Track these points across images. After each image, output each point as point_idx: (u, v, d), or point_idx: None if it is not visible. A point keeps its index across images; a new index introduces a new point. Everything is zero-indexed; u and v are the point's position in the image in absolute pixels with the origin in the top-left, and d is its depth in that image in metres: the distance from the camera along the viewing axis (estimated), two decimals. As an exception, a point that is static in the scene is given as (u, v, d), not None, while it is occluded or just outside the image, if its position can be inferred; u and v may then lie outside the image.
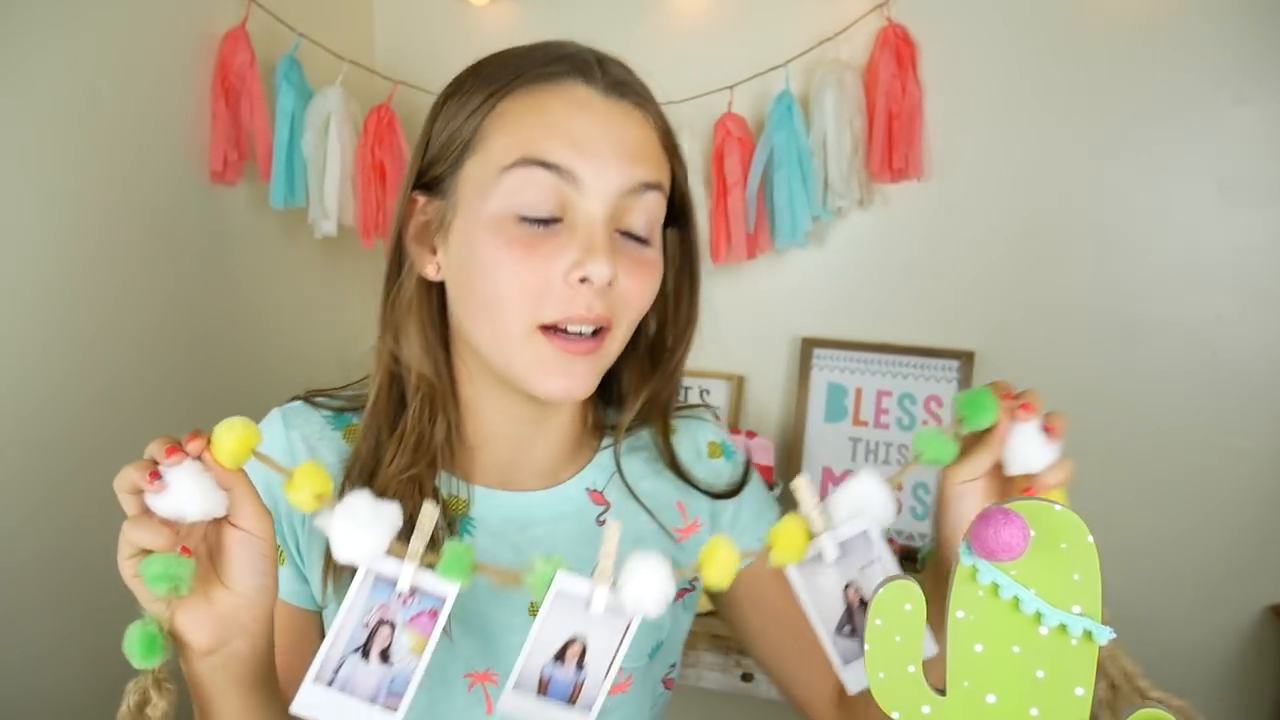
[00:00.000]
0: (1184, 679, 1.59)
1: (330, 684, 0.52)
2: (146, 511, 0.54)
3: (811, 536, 0.52)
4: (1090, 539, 0.49)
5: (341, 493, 0.60)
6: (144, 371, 1.41)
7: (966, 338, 1.63)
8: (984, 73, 1.56)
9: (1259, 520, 1.53)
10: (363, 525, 0.52)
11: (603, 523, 0.74)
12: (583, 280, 0.63)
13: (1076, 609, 0.50)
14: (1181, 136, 1.49)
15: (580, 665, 0.53)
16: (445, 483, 0.72)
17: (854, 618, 0.55)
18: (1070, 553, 0.49)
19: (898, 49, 1.51)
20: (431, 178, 0.70)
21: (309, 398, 0.77)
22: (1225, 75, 1.46)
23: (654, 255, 0.69)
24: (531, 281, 0.63)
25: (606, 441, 0.78)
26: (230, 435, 0.55)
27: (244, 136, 1.53)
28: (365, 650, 0.52)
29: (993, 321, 1.62)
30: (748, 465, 0.84)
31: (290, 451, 0.73)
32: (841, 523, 0.52)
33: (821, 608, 0.54)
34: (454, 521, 0.72)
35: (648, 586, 0.52)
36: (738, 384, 1.72)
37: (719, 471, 0.81)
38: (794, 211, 1.54)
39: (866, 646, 0.52)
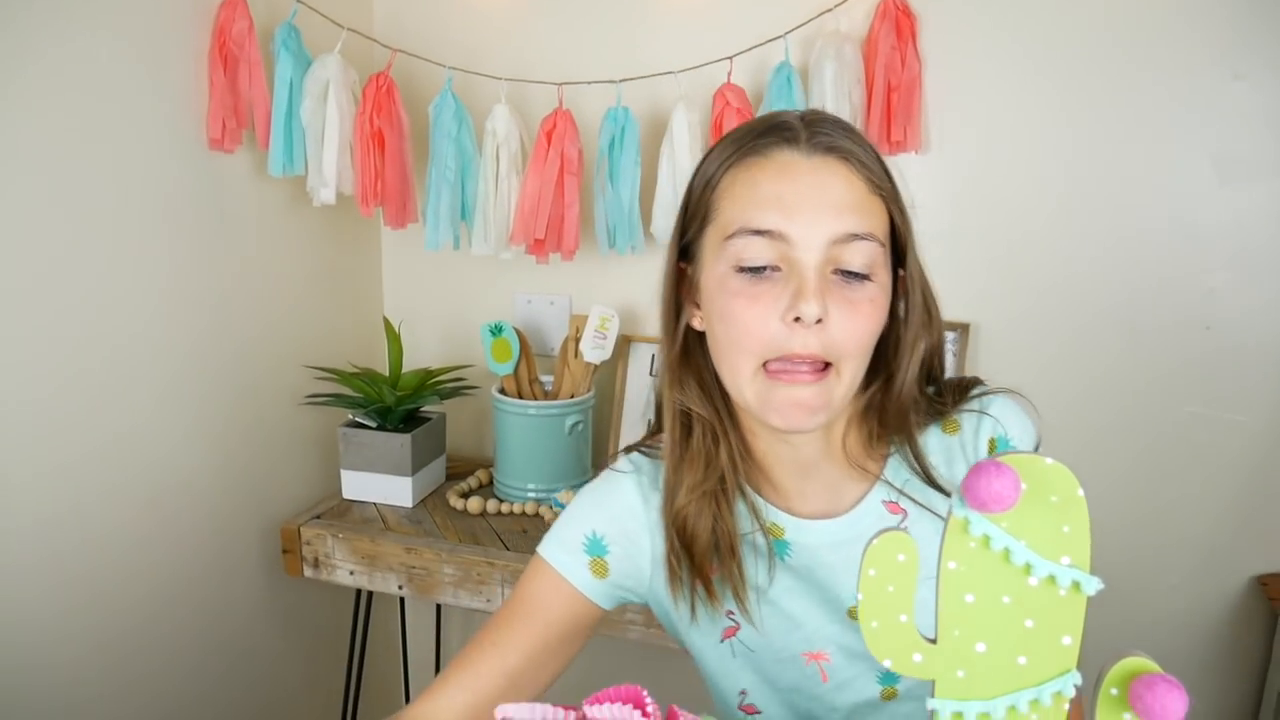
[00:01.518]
0: (1172, 647, 1.61)
1: None
2: None
3: None
4: (1080, 492, 0.50)
5: (665, 512, 0.84)
6: (145, 339, 1.42)
7: (963, 309, 1.64)
8: (983, 46, 1.56)
9: (1248, 493, 1.54)
10: None
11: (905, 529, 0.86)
12: (796, 319, 0.72)
13: (1065, 560, 0.51)
14: (1179, 111, 1.49)
15: None
16: (765, 510, 0.86)
17: None
18: (1061, 506, 0.51)
19: (897, 21, 1.51)
20: (685, 244, 0.83)
21: (636, 449, 0.93)
22: (1224, 50, 1.46)
23: (873, 291, 0.76)
24: (756, 326, 0.74)
25: (894, 448, 0.86)
26: None
27: (242, 104, 1.53)
28: None
29: (988, 294, 1.63)
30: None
31: (641, 493, 0.89)
32: None
33: None
34: (772, 545, 0.85)
35: None
36: (734, 355, 1.73)
37: None
38: (792, 183, 1.55)
39: (860, 596, 0.53)
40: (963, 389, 0.87)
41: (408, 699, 2.14)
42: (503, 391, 1.69)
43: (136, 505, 1.43)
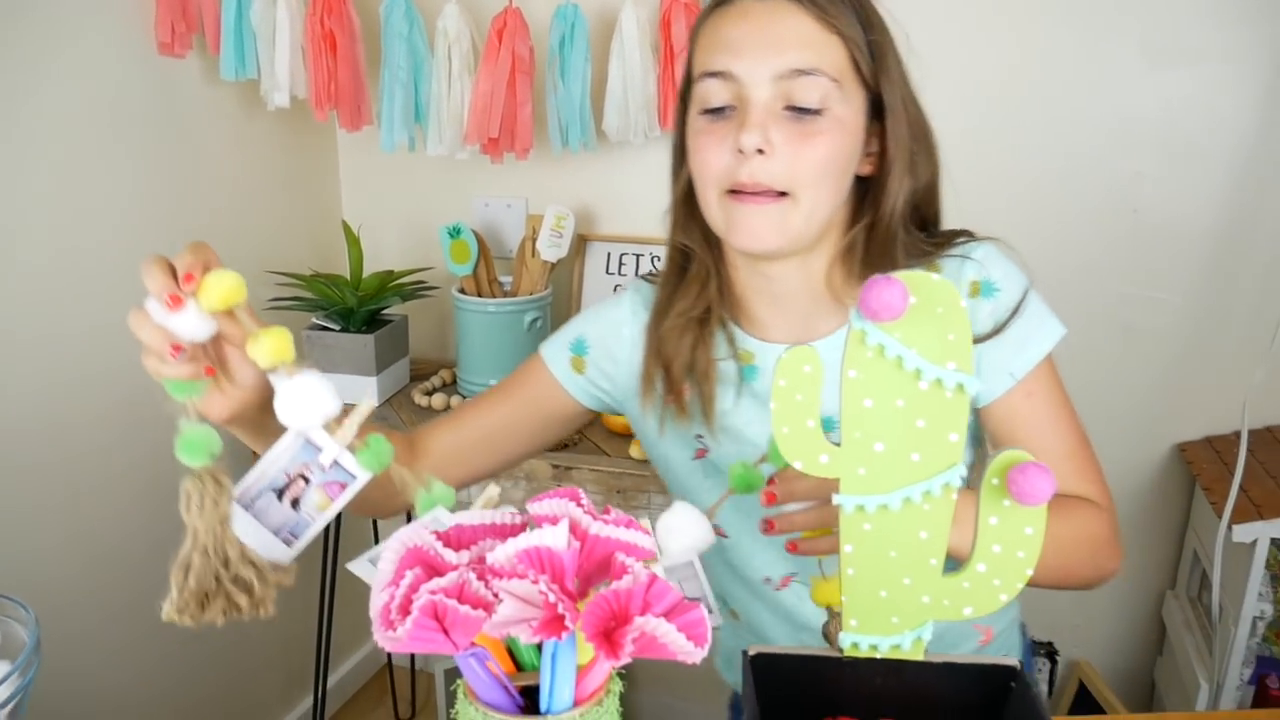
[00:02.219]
0: (1099, 514, 1.72)
1: (247, 508, 0.61)
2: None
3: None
4: (964, 303, 0.57)
5: (649, 330, 0.94)
6: (109, 245, 1.44)
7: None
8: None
9: (1172, 365, 1.64)
10: (310, 399, 0.59)
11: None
12: (741, 151, 0.79)
13: (951, 365, 0.58)
14: (1111, -2, 1.54)
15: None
16: (740, 339, 0.94)
17: None
18: (945, 316, 0.57)
19: (839, -88, 1.53)
20: (684, 95, 0.89)
21: (643, 278, 1.02)
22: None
23: (826, 125, 0.81)
24: (712, 159, 0.82)
25: None
26: (220, 286, 0.60)
27: (190, 7, 1.53)
28: (280, 493, 0.62)
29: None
30: (1016, 302, 0.88)
31: (632, 309, 0.98)
32: (673, 555, 0.65)
33: None
34: (742, 370, 0.93)
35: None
36: (687, 250, 1.78)
37: (974, 311, 0.87)
38: (739, 78, 1.58)
39: (773, 405, 0.59)
40: (949, 237, 0.93)
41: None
42: (463, 292, 1.73)
43: (112, 405, 1.47)
